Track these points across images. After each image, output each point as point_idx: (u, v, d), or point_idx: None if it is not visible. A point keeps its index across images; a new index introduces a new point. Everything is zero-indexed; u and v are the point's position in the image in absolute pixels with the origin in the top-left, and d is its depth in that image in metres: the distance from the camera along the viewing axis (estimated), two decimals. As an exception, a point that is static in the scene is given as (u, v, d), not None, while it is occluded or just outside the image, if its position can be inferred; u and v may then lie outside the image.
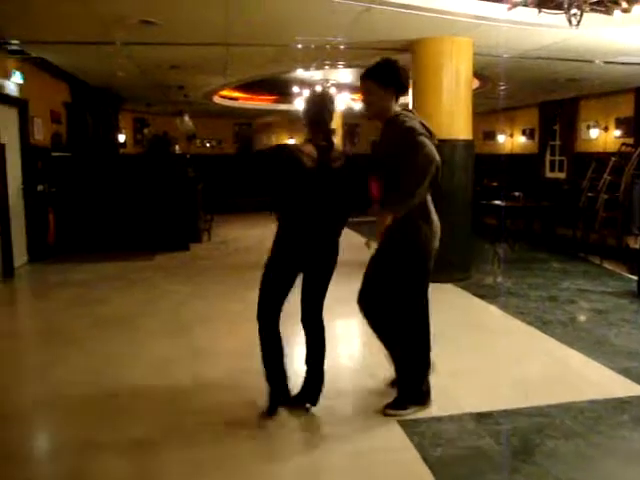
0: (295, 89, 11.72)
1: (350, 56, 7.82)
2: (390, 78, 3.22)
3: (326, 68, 8.95)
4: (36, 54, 7.62)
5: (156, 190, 9.14)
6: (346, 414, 3.42)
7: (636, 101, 10.55)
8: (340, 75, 10.65)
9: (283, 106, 14.55)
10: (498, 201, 9.70)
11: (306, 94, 3.07)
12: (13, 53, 7.23)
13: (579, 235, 9.45)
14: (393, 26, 6.11)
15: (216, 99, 12.71)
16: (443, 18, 5.71)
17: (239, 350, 4.43)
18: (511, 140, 14.83)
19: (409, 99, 7.06)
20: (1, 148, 6.89)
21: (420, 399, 3.41)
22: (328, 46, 7.03)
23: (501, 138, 15.00)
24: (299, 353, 3.64)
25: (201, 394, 3.67)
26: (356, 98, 13.11)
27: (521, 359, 4.37)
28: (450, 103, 6.69)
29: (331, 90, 2.95)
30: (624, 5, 4.52)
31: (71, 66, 8.73)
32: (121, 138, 13.46)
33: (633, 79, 9.49)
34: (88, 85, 10.15)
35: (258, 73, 9.62)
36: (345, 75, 10.78)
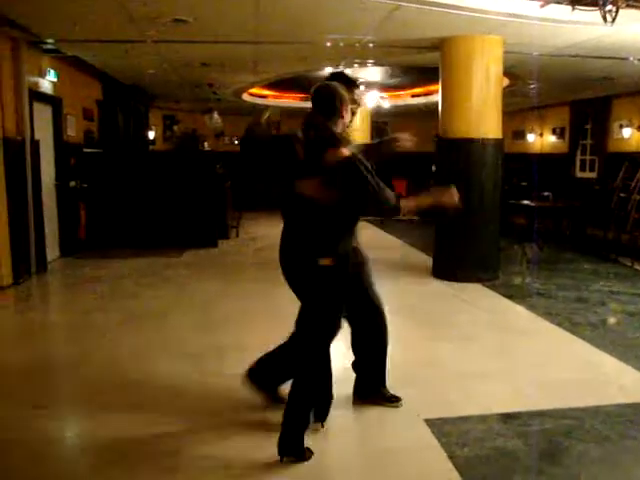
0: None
1: (379, 54, 7.79)
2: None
3: (355, 66, 8.93)
4: (70, 53, 7.75)
5: (185, 187, 9.23)
6: (373, 414, 3.41)
7: (671, 100, 10.34)
8: (369, 73, 10.60)
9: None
10: (527, 201, 9.60)
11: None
12: (48, 52, 7.38)
13: (610, 236, 9.29)
14: (423, 24, 6.07)
15: (245, 97, 12.77)
16: (474, 16, 5.66)
17: (267, 348, 4.45)
18: (541, 139, 14.61)
19: (438, 98, 7.05)
20: (36, 145, 7.02)
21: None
22: (357, 44, 7.02)
23: (531, 137, 14.78)
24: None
25: (229, 391, 3.68)
26: (385, 96, 13.07)
27: (549, 360, 4.32)
28: (480, 102, 6.64)
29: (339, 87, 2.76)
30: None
31: (103, 64, 8.87)
32: (151, 135, 13.64)
33: (668, 77, 9.28)
34: (119, 83, 10.30)
35: (287, 71, 9.65)
36: (374, 73, 10.74)
